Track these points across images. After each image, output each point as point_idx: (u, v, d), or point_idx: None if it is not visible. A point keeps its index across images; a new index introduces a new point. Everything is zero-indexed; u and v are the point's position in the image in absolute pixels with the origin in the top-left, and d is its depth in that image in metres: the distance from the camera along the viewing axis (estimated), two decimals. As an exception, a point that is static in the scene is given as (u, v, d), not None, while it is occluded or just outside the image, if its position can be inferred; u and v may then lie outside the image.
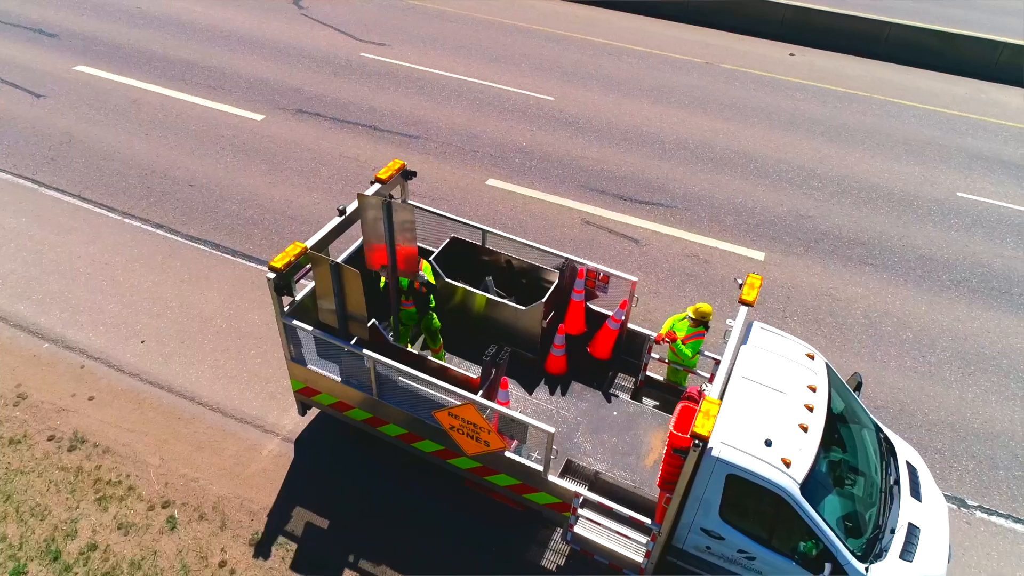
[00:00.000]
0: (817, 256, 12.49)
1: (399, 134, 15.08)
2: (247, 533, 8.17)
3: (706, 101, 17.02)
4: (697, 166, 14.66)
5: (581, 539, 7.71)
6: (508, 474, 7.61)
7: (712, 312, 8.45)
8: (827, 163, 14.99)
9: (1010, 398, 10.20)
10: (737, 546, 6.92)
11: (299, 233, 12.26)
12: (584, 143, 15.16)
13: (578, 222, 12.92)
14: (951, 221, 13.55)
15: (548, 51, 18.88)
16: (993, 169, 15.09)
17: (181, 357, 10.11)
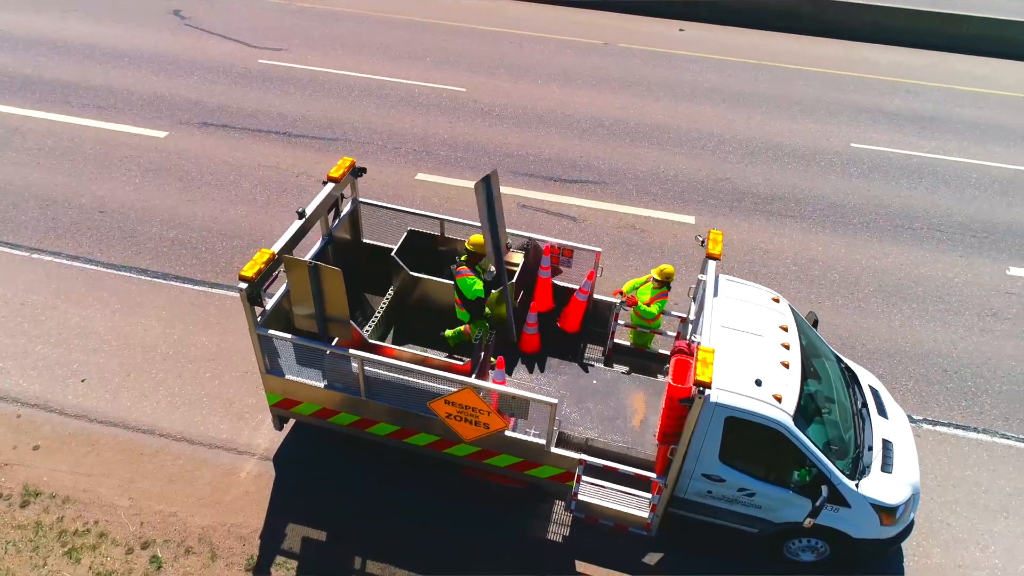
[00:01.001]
0: (741, 214, 13.23)
1: (316, 138, 14.67)
2: (241, 560, 7.81)
3: (611, 80, 17.57)
4: (615, 142, 15.13)
5: (585, 506, 7.88)
6: (509, 453, 7.66)
7: (674, 272, 8.82)
8: (733, 128, 15.85)
9: (930, 320, 11.23)
10: (737, 485, 7.31)
11: (232, 248, 11.74)
12: (504, 130, 15.30)
13: (515, 207, 13.05)
14: (851, 170, 14.69)
15: (450, 44, 18.86)
16: (877, 120, 16.46)
17: (130, 391, 9.47)
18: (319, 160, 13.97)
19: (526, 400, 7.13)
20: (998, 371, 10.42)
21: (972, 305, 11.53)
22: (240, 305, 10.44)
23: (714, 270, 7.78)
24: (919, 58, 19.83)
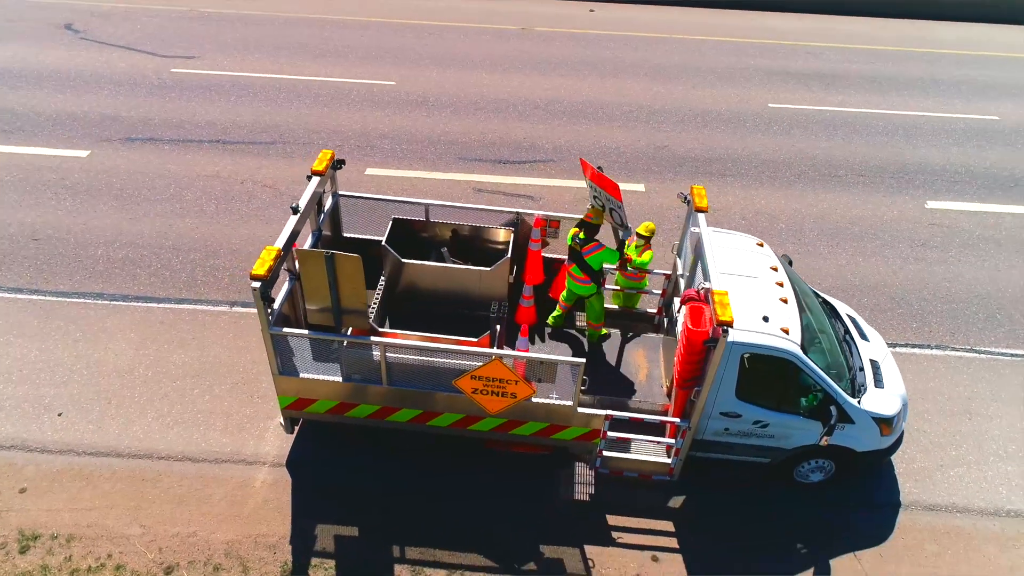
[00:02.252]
0: (686, 177, 13.87)
1: (252, 143, 14.20)
2: (275, 568, 7.61)
3: (537, 63, 17.90)
4: (554, 121, 15.48)
5: (610, 461, 8.18)
6: (535, 420, 7.83)
7: (656, 228, 9.24)
8: (660, 99, 16.54)
9: (871, 255, 12.22)
10: (753, 419, 7.79)
11: (190, 262, 11.26)
12: (443, 119, 15.33)
13: (471, 191, 13.16)
14: (773, 128, 15.67)
15: (370, 39, 18.63)
16: (787, 81, 17.60)
17: (115, 418, 8.97)
18: (260, 165, 13.56)
19: (553, 364, 7.32)
20: (937, 293, 11.50)
21: (903, 238, 12.64)
22: (215, 318, 10.24)
23: (704, 222, 8.22)
24: (813, 22, 21.32)
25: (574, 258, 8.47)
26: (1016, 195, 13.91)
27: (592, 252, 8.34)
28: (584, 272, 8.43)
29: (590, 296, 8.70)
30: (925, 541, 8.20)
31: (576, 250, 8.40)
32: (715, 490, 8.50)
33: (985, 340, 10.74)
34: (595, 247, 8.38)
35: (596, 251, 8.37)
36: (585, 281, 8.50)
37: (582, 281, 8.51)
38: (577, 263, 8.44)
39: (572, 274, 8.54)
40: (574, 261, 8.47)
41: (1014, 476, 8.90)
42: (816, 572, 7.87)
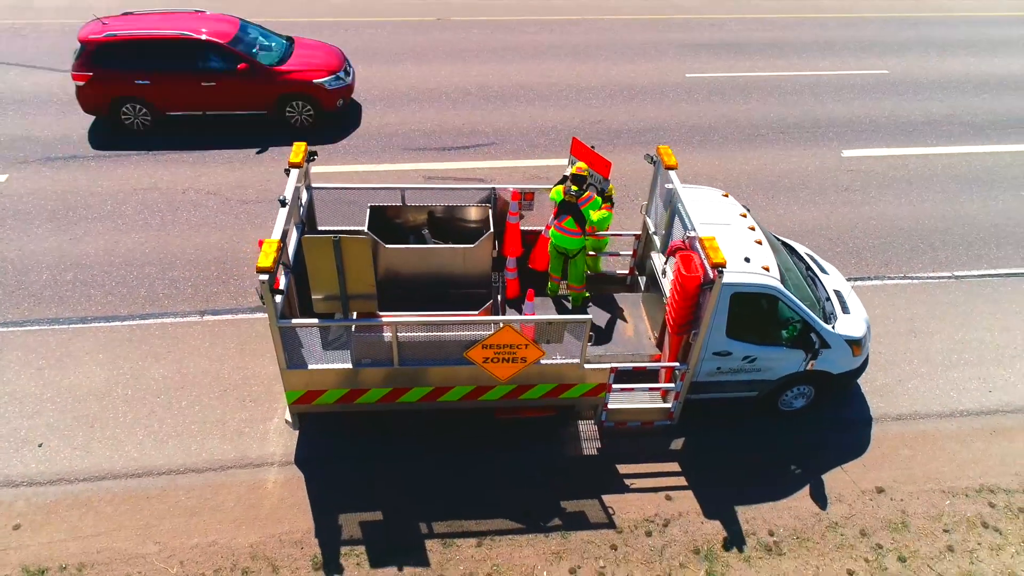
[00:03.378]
0: (624, 148, 14.45)
1: (184, 151, 13.69)
2: (305, 564, 7.57)
3: (458, 51, 18.05)
4: (488, 106, 15.72)
5: (615, 413, 8.58)
6: (543, 383, 8.12)
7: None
8: (585, 78, 17.08)
9: (804, 203, 13.20)
10: (742, 355, 8.38)
11: (146, 276, 10.83)
12: (378, 112, 15.28)
13: (422, 179, 13.24)
14: (694, 96, 16.52)
15: (284, 40, 18.22)
16: (698, 52, 18.55)
17: (102, 441, 8.58)
18: (199, 173, 13.13)
19: (562, 324, 7.62)
20: (867, 231, 12.58)
21: (828, 186, 13.70)
22: (186, 330, 9.96)
23: (676, 178, 8.71)
24: (708, -4, 22.52)
25: (568, 211, 8.74)
26: (915, 138, 15.30)
27: (587, 201, 8.68)
28: (577, 224, 8.76)
29: (578, 252, 9.03)
30: (898, 447, 9.07)
31: (571, 202, 8.69)
32: (709, 429, 9.06)
33: (914, 267, 11.86)
34: (590, 196, 8.72)
35: (591, 200, 8.71)
36: (576, 233, 8.80)
37: (573, 234, 8.81)
38: (572, 215, 8.74)
39: (564, 228, 8.81)
40: (569, 214, 8.75)
41: (960, 380, 9.95)
42: (811, 487, 8.57)
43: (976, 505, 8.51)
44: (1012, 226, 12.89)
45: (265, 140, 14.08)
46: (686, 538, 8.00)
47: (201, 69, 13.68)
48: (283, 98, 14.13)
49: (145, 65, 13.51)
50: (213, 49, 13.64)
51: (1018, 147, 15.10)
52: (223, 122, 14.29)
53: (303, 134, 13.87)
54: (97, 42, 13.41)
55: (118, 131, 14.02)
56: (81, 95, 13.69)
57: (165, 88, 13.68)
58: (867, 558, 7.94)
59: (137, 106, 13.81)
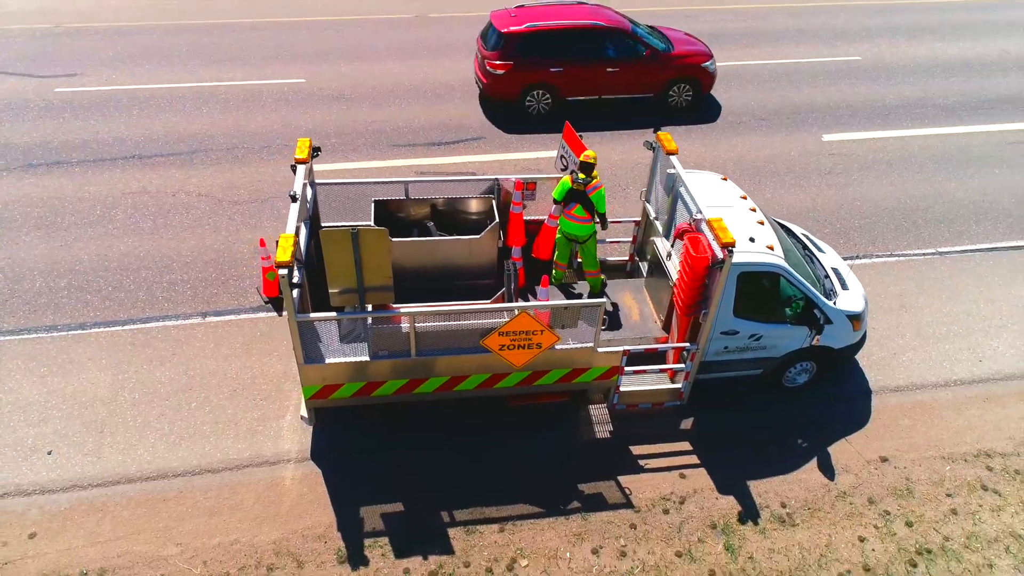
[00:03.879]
0: (608, 139, 14.62)
1: (172, 155, 13.53)
2: (330, 557, 7.58)
3: (439, 48, 18.07)
4: (473, 101, 15.77)
5: (627, 395, 8.73)
6: (558, 368, 8.23)
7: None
8: (567, 70, 17.21)
9: (790, 187, 13.50)
10: (748, 334, 8.59)
11: (143, 280, 10.70)
12: (365, 110, 15.25)
13: (415, 174, 13.24)
14: (676, 86, 16.75)
15: (264, 40, 18.04)
16: (676, 43, 18.79)
17: (113, 446, 8.48)
18: (188, 176, 12.98)
19: (576, 309, 7.74)
20: (852, 212, 12.91)
21: (811, 169, 14.02)
22: (190, 332, 9.89)
23: (678, 162, 8.88)
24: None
25: (577, 199, 8.85)
26: (890, 122, 15.72)
27: (596, 189, 8.80)
28: (587, 211, 8.87)
29: (588, 238, 9.14)
30: (898, 417, 9.36)
31: (580, 190, 8.79)
32: (716, 409, 9.26)
33: (899, 245, 12.22)
34: (598, 184, 8.84)
35: (599, 187, 8.84)
36: (587, 220, 8.92)
37: (584, 221, 8.92)
38: (581, 203, 8.86)
39: (574, 216, 8.93)
40: (577, 202, 8.86)
41: (951, 352, 10.29)
42: (819, 460, 8.82)
43: (975, 469, 8.84)
44: (988, 202, 13.33)
45: (259, 140, 13.99)
46: (702, 514, 8.19)
47: (608, 56, 14.75)
48: (671, 82, 15.16)
49: (558, 53, 14.53)
50: (620, 37, 14.77)
51: (988, 127, 15.61)
52: (609, 105, 15.36)
53: (680, 115, 15.45)
54: (520, 33, 14.39)
55: (101, 135, 13.82)
56: (498, 83, 14.60)
57: (574, 74, 14.69)
58: (876, 525, 8.20)
59: (542, 92, 14.77)
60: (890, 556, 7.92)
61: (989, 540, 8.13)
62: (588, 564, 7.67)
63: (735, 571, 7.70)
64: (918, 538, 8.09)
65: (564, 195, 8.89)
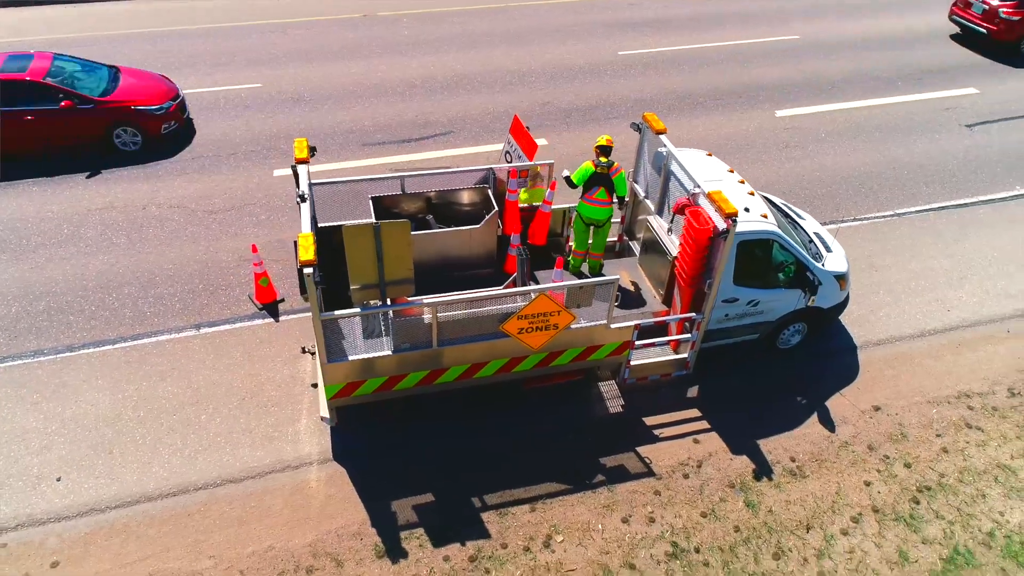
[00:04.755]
0: (577, 126, 14.92)
1: (134, 167, 13.09)
2: (368, 553, 7.60)
3: (393, 45, 17.99)
4: (436, 96, 15.80)
5: (637, 369, 9.02)
6: (573, 347, 8.43)
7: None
8: (524, 62, 17.40)
9: (752, 162, 14.05)
10: (747, 300, 8.99)
11: (127, 297, 10.39)
12: (328, 111, 15.08)
13: (389, 171, 13.17)
14: (630, 72, 17.17)
15: (212, 46, 17.58)
16: (624, 30, 19.23)
17: (126, 466, 8.25)
18: (156, 188, 12.61)
19: (591, 287, 7.96)
20: (813, 181, 13.55)
21: (770, 144, 14.63)
22: (185, 345, 9.70)
23: (668, 140, 9.19)
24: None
25: (599, 182, 9.07)
26: (835, 95, 16.51)
27: (618, 172, 9.07)
28: (608, 193, 9.11)
29: (607, 221, 9.38)
30: (883, 369, 9.96)
31: (603, 173, 9.02)
32: (717, 375, 9.65)
33: (861, 210, 12.92)
34: (618, 168, 9.09)
35: (620, 171, 9.10)
36: (607, 203, 9.15)
37: (605, 204, 9.15)
38: (604, 186, 9.08)
39: (596, 200, 9.13)
40: (600, 185, 9.08)
41: (922, 305, 10.99)
42: (819, 414, 9.31)
43: (958, 410, 9.49)
44: (933, 165, 14.21)
45: (225, 146, 13.67)
46: (720, 475, 8.55)
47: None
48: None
49: None
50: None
51: (923, 96, 16.58)
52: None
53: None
54: None
55: (55, 152, 13.25)
56: None
57: None
58: (878, 469, 8.73)
59: None
60: (894, 496, 8.46)
61: (979, 472, 8.77)
62: (620, 533, 7.92)
63: (758, 525, 8.09)
64: (917, 477, 8.67)
65: (586, 179, 9.09)
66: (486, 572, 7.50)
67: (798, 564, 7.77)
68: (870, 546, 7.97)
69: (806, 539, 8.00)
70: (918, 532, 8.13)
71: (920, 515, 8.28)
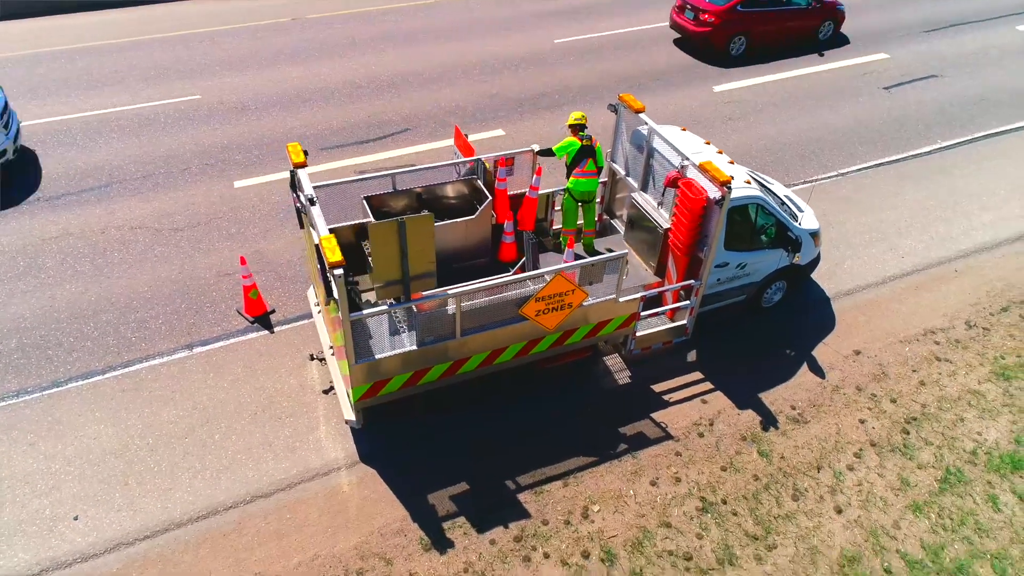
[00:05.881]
0: (530, 114, 15.17)
1: (82, 192, 12.44)
2: (416, 548, 7.64)
3: (330, 47, 17.69)
4: (385, 96, 15.69)
5: (642, 339, 9.38)
6: (584, 324, 8.69)
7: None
8: (464, 55, 17.49)
9: (702, 137, 14.67)
10: (736, 263, 9.51)
11: (107, 324, 9.94)
12: (277, 118, 14.74)
13: (353, 173, 13.08)
14: (569, 59, 17.54)
15: (138, 60, 16.77)
16: (557, 18, 19.59)
17: (145, 496, 7.95)
18: (111, 210, 12.04)
19: (602, 264, 8.23)
20: (760, 149, 14.32)
21: (715, 118, 15.33)
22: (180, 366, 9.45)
23: (648, 117, 9.56)
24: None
25: (587, 154, 9.36)
26: (765, 68, 17.40)
27: (595, 143, 9.42)
28: (596, 165, 9.42)
29: (595, 195, 9.69)
30: (856, 316, 10.73)
31: (588, 145, 9.33)
32: (709, 339, 10.14)
33: (808, 173, 13.76)
34: (595, 140, 9.45)
35: (597, 143, 9.45)
36: (595, 174, 9.49)
37: (594, 175, 9.49)
38: (591, 157, 9.39)
39: (587, 172, 9.40)
40: (588, 157, 9.36)
41: (878, 254, 11.86)
42: (808, 364, 9.96)
43: (926, 346, 10.35)
44: (863, 127, 15.26)
45: (177, 162, 13.17)
46: (731, 430, 9.03)
47: None
48: None
49: None
50: None
51: (845, 63, 17.73)
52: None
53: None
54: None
55: None
56: None
57: None
58: (869, 407, 9.43)
59: None
60: (887, 429, 9.18)
61: (954, 399, 9.62)
62: (652, 495, 8.27)
63: (773, 471, 8.61)
64: (903, 410, 9.42)
65: (576, 155, 9.33)
66: (533, 549, 7.70)
67: (815, 502, 8.34)
68: (875, 477, 8.64)
69: (818, 478, 8.58)
70: (913, 459, 8.86)
71: (912, 444, 9.02)
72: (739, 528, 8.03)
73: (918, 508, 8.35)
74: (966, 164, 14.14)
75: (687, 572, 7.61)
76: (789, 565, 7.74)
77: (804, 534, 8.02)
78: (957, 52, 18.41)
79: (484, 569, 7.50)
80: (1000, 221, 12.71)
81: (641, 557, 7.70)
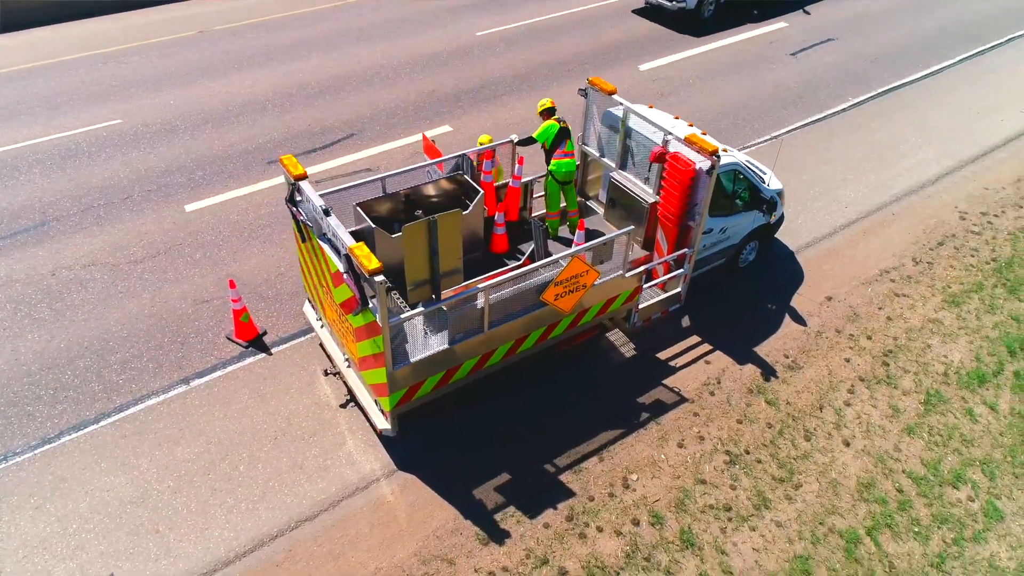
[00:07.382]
0: (471, 107, 15.21)
1: (16, 234, 11.47)
2: (473, 544, 7.68)
3: (248, 58, 17.00)
4: (320, 103, 15.28)
5: (643, 311, 9.74)
6: (596, 303, 8.94)
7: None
8: (391, 55, 17.28)
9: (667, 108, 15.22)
10: (719, 228, 10.03)
11: (87, 370, 9.30)
12: (212, 136, 14.07)
13: (311, 184, 12.70)
14: (496, 50, 17.69)
15: (42, 87, 15.50)
16: (472, 11, 19.66)
17: (182, 540, 7.55)
18: (56, 250, 11.19)
19: (611, 241, 8.49)
20: (698, 122, 14.99)
21: (646, 96, 15.90)
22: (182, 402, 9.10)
23: (624, 98, 9.88)
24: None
25: (566, 136, 9.69)
26: (683, 44, 18.23)
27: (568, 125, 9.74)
28: (573, 146, 9.74)
29: (575, 173, 9.97)
30: (820, 264, 11.55)
31: (565, 127, 9.66)
32: (697, 304, 10.66)
33: (745, 139, 14.58)
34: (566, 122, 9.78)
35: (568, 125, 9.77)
36: (573, 154, 9.79)
37: (572, 155, 9.78)
38: (568, 138, 9.70)
39: (567, 152, 9.68)
40: (567, 138, 9.69)
41: (824, 207, 12.79)
42: (789, 314, 10.66)
43: (885, 285, 11.30)
44: (781, 91, 16.29)
45: (115, 191, 12.33)
46: (737, 385, 9.57)
47: None
48: None
49: None
50: None
51: (750, 34, 18.81)
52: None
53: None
54: None
55: (-95, 236, 11.20)
56: None
57: None
58: (850, 347, 10.23)
59: None
60: (870, 364, 9.99)
61: (919, 329, 10.58)
62: (682, 457, 8.67)
63: (783, 417, 9.21)
64: (879, 345, 10.28)
65: (555, 137, 9.51)
66: (586, 525, 7.91)
67: (825, 439, 9.00)
68: (869, 409, 9.40)
69: (823, 417, 9.25)
70: (897, 387, 9.70)
71: (893, 374, 9.88)
72: (766, 474, 8.56)
73: (911, 430, 9.17)
74: (879, 117, 15.41)
75: (730, 522, 8.05)
76: (816, 500, 8.34)
77: (823, 470, 8.65)
78: (844, 16, 19.93)
79: (545, 552, 7.64)
80: (918, 165, 13.97)
81: (686, 515, 8.07)
